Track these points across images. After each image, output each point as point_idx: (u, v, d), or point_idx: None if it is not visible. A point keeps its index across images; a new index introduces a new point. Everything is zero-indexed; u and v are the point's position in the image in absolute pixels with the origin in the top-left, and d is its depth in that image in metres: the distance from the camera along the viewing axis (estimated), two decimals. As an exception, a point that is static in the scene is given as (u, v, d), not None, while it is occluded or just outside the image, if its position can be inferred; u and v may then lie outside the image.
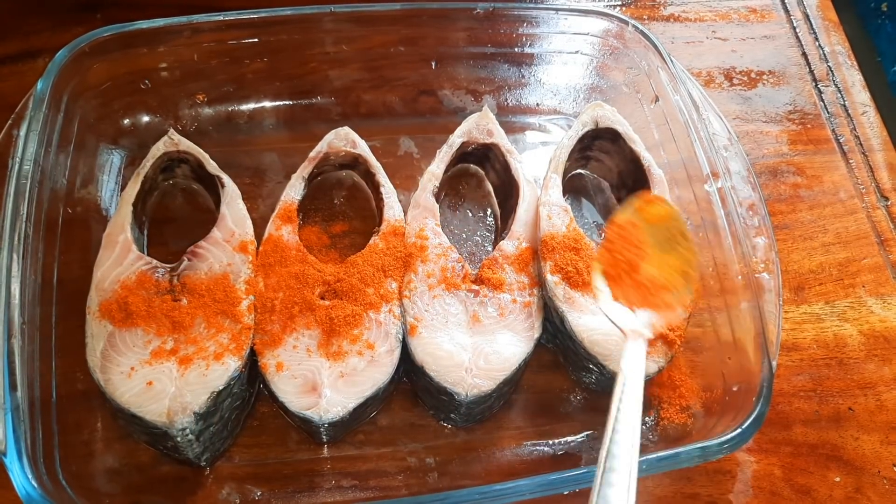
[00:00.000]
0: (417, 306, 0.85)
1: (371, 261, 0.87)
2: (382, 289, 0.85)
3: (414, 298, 0.85)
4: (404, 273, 0.88)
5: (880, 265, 1.03)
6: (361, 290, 0.84)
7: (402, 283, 0.87)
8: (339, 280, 0.85)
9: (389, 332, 0.83)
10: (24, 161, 0.81)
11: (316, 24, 1.00)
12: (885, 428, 0.91)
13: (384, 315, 0.84)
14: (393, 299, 0.85)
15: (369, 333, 0.83)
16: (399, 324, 0.84)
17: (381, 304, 0.84)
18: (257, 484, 0.81)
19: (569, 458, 0.86)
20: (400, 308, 0.85)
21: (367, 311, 0.84)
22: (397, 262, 0.88)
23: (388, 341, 0.83)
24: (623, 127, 0.98)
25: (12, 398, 0.70)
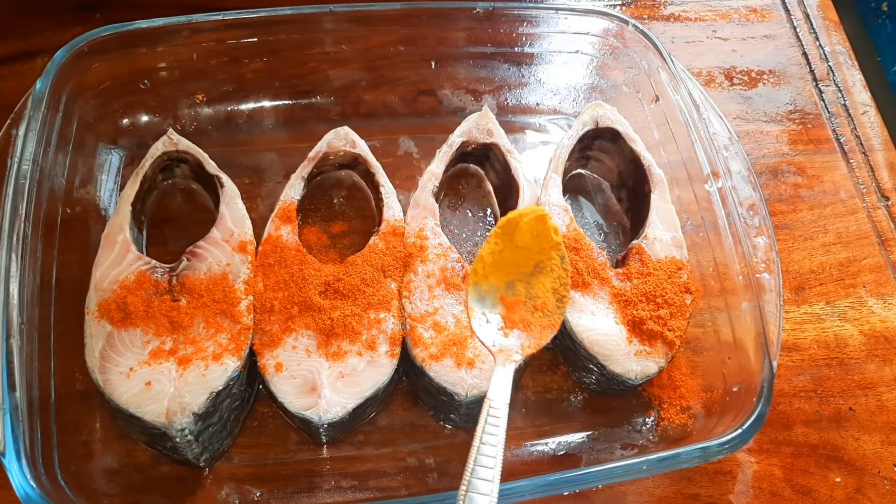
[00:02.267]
0: (417, 306, 0.85)
1: (371, 261, 0.87)
2: (382, 289, 0.85)
3: (414, 298, 0.85)
4: (404, 273, 0.87)
5: (881, 265, 1.03)
6: (361, 291, 0.84)
7: (402, 284, 0.87)
8: (338, 280, 0.85)
9: (389, 333, 0.83)
10: (22, 161, 0.81)
11: (315, 24, 1.00)
12: (885, 428, 0.91)
13: (384, 315, 0.84)
14: (393, 299, 0.85)
15: (369, 334, 0.82)
16: (399, 324, 0.84)
17: (380, 305, 0.84)
18: (256, 484, 0.81)
19: (569, 458, 0.86)
20: (400, 308, 0.85)
21: (367, 311, 0.83)
22: (397, 262, 0.88)
23: (388, 342, 0.82)
24: (623, 127, 0.98)
25: (11, 398, 0.70)
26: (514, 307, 0.79)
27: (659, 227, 0.92)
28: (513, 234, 0.79)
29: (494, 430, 0.68)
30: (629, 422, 0.88)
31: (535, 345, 0.78)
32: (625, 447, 0.87)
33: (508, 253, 0.79)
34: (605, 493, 0.84)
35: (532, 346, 0.78)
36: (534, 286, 0.79)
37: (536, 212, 0.79)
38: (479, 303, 0.79)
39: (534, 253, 0.80)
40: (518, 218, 0.79)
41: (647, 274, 0.87)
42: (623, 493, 0.85)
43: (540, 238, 0.79)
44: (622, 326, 0.85)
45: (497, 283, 0.79)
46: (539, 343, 0.78)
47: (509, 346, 0.77)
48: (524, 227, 0.79)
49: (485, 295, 0.79)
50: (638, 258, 0.89)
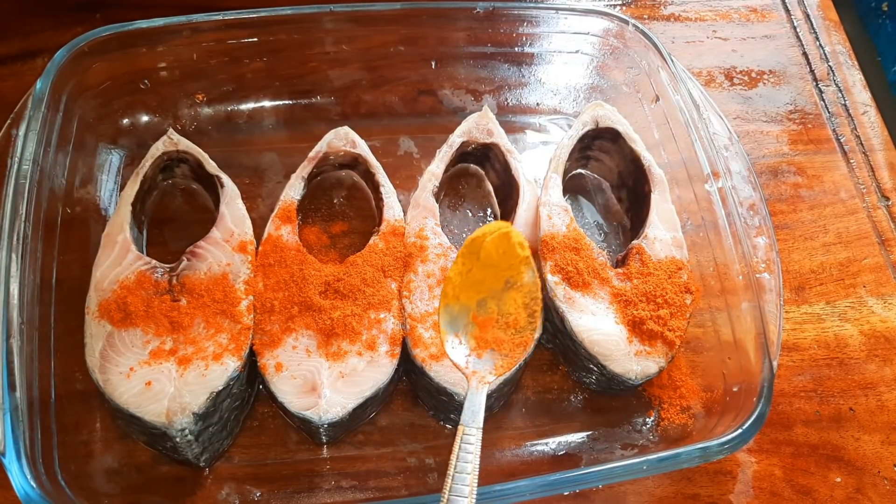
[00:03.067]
0: (417, 306, 0.85)
1: (371, 261, 0.87)
2: (382, 289, 0.85)
3: (414, 298, 0.85)
4: (404, 273, 0.87)
5: (881, 265, 1.03)
6: (361, 291, 0.84)
7: (402, 283, 0.87)
8: (338, 280, 0.85)
9: (389, 333, 0.83)
10: (23, 161, 0.81)
11: (316, 24, 1.00)
12: (885, 428, 0.91)
13: (384, 315, 0.84)
14: (393, 299, 0.85)
15: (369, 334, 0.82)
16: (399, 324, 0.84)
17: (380, 305, 0.84)
18: (256, 484, 0.81)
19: (569, 459, 0.86)
20: (400, 308, 0.85)
21: (367, 311, 0.83)
22: (397, 262, 0.88)
23: (388, 342, 0.82)
24: (623, 127, 0.98)
25: (11, 398, 0.70)
26: (486, 326, 0.79)
27: (659, 227, 0.92)
28: (479, 253, 0.79)
29: (468, 458, 0.68)
30: (629, 422, 0.88)
31: (507, 364, 0.77)
32: (625, 447, 0.87)
33: (477, 272, 0.79)
34: (605, 493, 0.84)
35: (505, 364, 0.77)
36: (505, 303, 0.79)
37: (501, 228, 0.79)
38: (451, 324, 0.78)
39: (502, 269, 0.79)
40: (482, 237, 0.79)
41: (648, 274, 0.87)
42: (623, 493, 0.85)
43: (507, 255, 0.79)
44: (622, 326, 0.85)
45: (468, 302, 0.79)
46: (512, 362, 0.78)
47: (483, 368, 0.76)
48: (489, 245, 0.79)
49: (456, 316, 0.78)
50: (638, 258, 0.89)
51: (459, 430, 0.70)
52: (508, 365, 0.77)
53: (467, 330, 0.78)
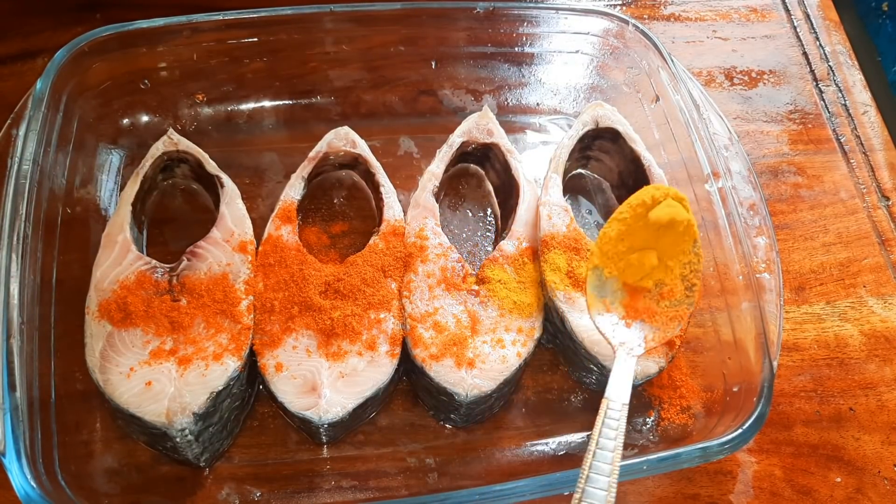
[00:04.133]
0: (417, 306, 0.85)
1: (371, 261, 0.87)
2: (382, 289, 0.85)
3: (414, 298, 0.85)
4: (404, 273, 0.87)
5: (881, 265, 1.03)
6: (361, 291, 0.84)
7: (402, 284, 0.87)
8: (338, 280, 0.85)
9: (389, 333, 0.83)
10: (23, 161, 0.81)
11: (316, 24, 1.00)
12: (886, 428, 0.91)
13: (384, 315, 0.84)
14: (393, 299, 0.85)
15: (369, 334, 0.82)
16: (399, 324, 0.84)
17: (380, 305, 0.84)
18: (257, 484, 0.81)
19: (569, 459, 0.86)
20: (400, 308, 0.85)
21: (367, 311, 0.83)
22: (397, 262, 0.88)
23: (388, 342, 0.82)
24: (623, 127, 0.98)
25: (11, 398, 0.70)
26: (637, 295, 0.73)
27: (659, 227, 0.91)
28: (644, 214, 0.73)
29: (611, 434, 0.63)
30: (629, 422, 0.87)
31: (659, 337, 0.72)
32: (625, 447, 0.86)
33: (637, 236, 0.73)
34: (605, 493, 0.84)
35: (656, 338, 0.72)
36: (664, 271, 0.73)
37: (671, 191, 0.73)
38: (599, 289, 0.72)
39: (665, 238, 0.73)
40: (650, 197, 0.73)
41: (648, 274, 0.87)
42: (623, 493, 0.85)
43: (673, 224, 0.73)
44: (622, 326, 0.85)
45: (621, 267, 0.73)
46: (665, 335, 0.72)
47: (631, 339, 0.71)
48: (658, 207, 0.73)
49: (606, 281, 0.72)
50: (638, 258, 0.89)
51: (603, 405, 0.66)
52: (660, 339, 0.72)
53: (616, 297, 0.73)
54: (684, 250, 0.74)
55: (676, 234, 0.74)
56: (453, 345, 0.82)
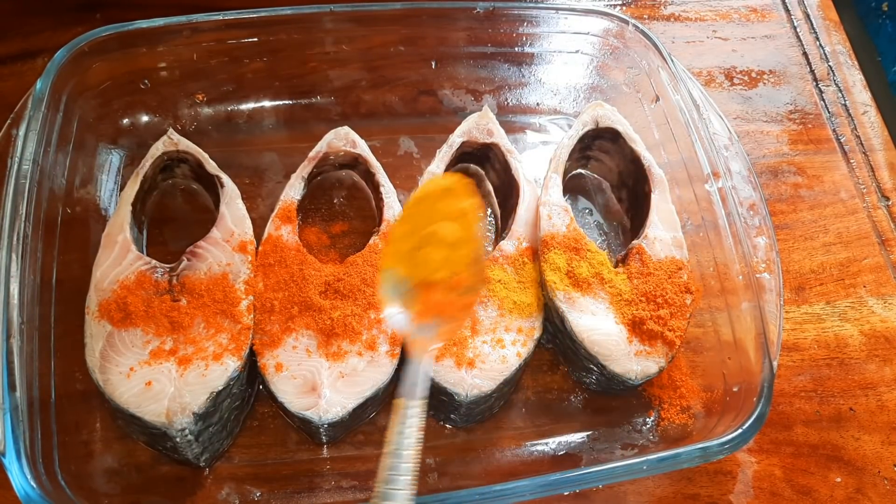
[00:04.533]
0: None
1: (371, 261, 0.87)
2: (382, 289, 0.85)
3: (414, 298, 0.85)
4: (404, 273, 0.87)
5: (881, 265, 1.03)
6: (361, 291, 0.84)
7: (402, 283, 0.87)
8: (338, 280, 0.85)
9: (389, 333, 0.83)
10: (23, 160, 0.81)
11: (316, 24, 1.00)
12: (886, 428, 0.91)
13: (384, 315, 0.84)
14: (393, 299, 0.85)
15: (369, 334, 0.82)
16: (399, 324, 0.84)
17: (381, 305, 0.84)
18: (257, 484, 0.81)
19: (569, 459, 0.86)
20: (400, 308, 0.85)
21: (367, 311, 0.83)
22: (397, 262, 0.88)
23: (388, 342, 0.82)
24: (623, 127, 0.98)
25: (11, 398, 0.70)
26: (431, 289, 0.72)
27: (659, 227, 0.91)
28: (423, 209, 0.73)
29: (410, 434, 0.64)
30: (629, 422, 0.88)
31: (452, 329, 0.72)
32: (625, 447, 0.87)
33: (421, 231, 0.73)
34: (605, 493, 0.84)
35: (449, 330, 0.72)
36: (453, 261, 0.73)
37: (445, 182, 0.74)
38: (394, 290, 0.72)
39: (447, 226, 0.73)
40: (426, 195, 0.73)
41: (648, 274, 0.88)
42: (623, 493, 0.85)
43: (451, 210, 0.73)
44: (622, 326, 0.85)
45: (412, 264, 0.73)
46: (457, 326, 0.72)
47: (425, 335, 0.70)
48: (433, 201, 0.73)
49: (399, 280, 0.72)
50: (638, 258, 0.89)
51: (398, 405, 0.66)
52: (452, 330, 0.72)
53: (411, 294, 0.72)
54: (469, 237, 0.73)
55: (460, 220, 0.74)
56: (453, 345, 0.82)
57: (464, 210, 0.73)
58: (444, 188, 0.74)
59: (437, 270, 0.72)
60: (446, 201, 0.74)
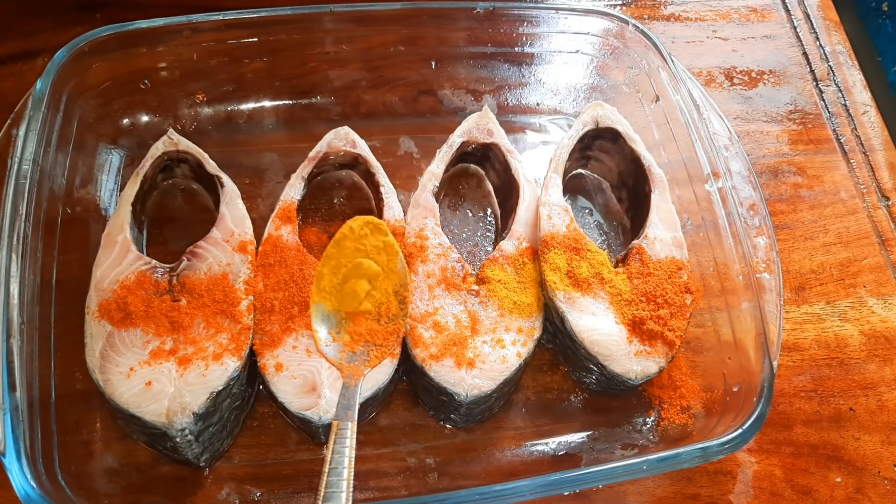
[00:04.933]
0: (417, 306, 0.85)
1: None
2: (382, 289, 0.85)
3: (414, 299, 0.85)
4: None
5: (881, 265, 1.03)
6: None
7: (402, 283, 0.87)
8: (338, 280, 0.85)
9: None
10: (23, 161, 0.81)
11: (316, 24, 1.00)
12: (885, 428, 0.91)
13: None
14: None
15: (369, 333, 0.82)
16: (399, 324, 0.84)
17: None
18: (257, 484, 0.81)
19: (569, 459, 0.86)
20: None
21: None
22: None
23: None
24: (623, 127, 0.98)
25: (11, 398, 0.70)
26: (359, 318, 0.79)
27: (659, 227, 0.92)
28: (345, 246, 0.81)
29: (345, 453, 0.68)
30: (629, 422, 0.88)
31: (381, 354, 0.78)
32: (625, 447, 0.87)
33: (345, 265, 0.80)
34: (605, 493, 0.84)
35: (379, 355, 0.78)
36: (378, 291, 0.80)
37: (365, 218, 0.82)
38: (324, 321, 0.79)
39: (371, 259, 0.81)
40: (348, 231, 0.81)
41: (648, 274, 0.87)
42: (623, 493, 0.85)
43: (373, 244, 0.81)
44: (622, 326, 0.85)
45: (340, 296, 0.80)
46: (385, 351, 0.79)
47: (357, 361, 0.77)
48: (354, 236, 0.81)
49: (328, 312, 0.79)
50: (638, 258, 0.89)
51: (333, 426, 0.71)
52: (382, 355, 0.78)
53: (341, 325, 0.79)
54: (392, 269, 0.81)
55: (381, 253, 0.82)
56: (453, 345, 0.82)
57: (385, 244, 0.81)
58: (364, 226, 0.81)
59: (363, 302, 0.80)
60: (367, 238, 0.81)
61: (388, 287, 0.81)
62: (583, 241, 0.89)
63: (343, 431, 0.70)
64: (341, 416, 0.72)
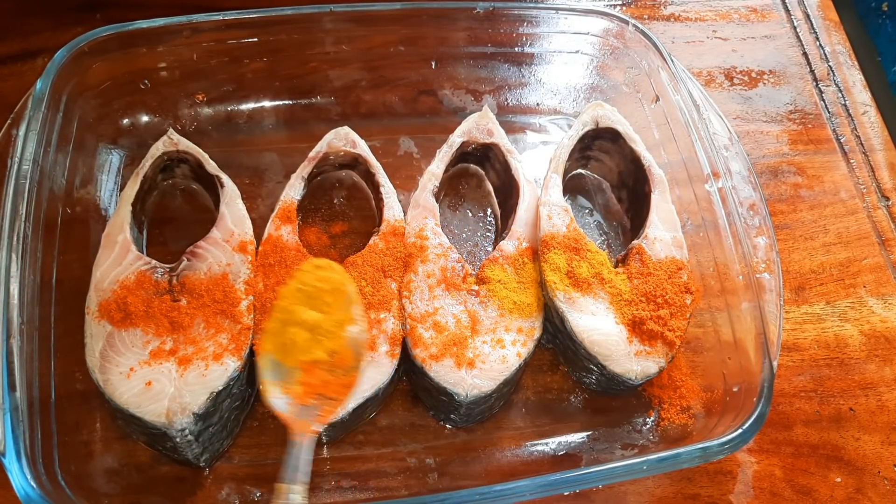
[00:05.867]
0: (417, 306, 0.85)
1: (371, 261, 0.87)
2: (382, 289, 0.85)
3: (414, 299, 0.85)
4: (404, 273, 0.87)
5: (881, 265, 1.03)
6: (361, 291, 0.84)
7: (402, 284, 0.87)
8: (338, 280, 0.85)
9: (389, 333, 0.83)
10: (23, 161, 0.81)
11: (316, 24, 1.00)
12: (885, 428, 0.91)
13: (384, 315, 0.84)
14: (393, 299, 0.85)
15: (369, 334, 0.82)
16: (399, 324, 0.84)
17: (380, 305, 0.84)
18: (256, 484, 0.81)
19: (569, 459, 0.86)
20: (400, 308, 0.85)
21: (367, 311, 0.83)
22: (397, 262, 0.88)
23: (388, 342, 0.82)
24: (623, 127, 0.98)
25: (11, 398, 0.70)
26: (312, 369, 0.73)
27: (659, 227, 0.92)
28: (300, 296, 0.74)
29: None
30: (629, 422, 0.88)
31: (332, 406, 0.73)
32: (625, 447, 0.87)
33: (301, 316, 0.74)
34: (605, 493, 0.84)
35: (330, 408, 0.73)
36: (328, 339, 0.74)
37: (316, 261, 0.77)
38: (275, 374, 0.73)
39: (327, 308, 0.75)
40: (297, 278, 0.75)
41: (648, 274, 0.87)
42: (623, 493, 0.85)
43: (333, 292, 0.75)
44: (622, 326, 0.85)
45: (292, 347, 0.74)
46: (336, 405, 0.73)
47: (308, 416, 0.71)
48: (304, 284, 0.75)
49: (279, 365, 0.73)
50: (638, 258, 0.89)
51: (280, 489, 0.65)
52: (333, 409, 0.73)
53: (293, 377, 0.72)
54: (347, 316, 0.75)
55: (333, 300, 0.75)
56: (453, 345, 0.82)
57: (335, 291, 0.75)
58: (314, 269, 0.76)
59: (306, 351, 0.73)
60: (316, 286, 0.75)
61: (346, 340, 0.74)
62: (583, 241, 0.89)
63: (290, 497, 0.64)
64: (290, 479, 0.65)
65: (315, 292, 0.75)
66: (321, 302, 0.75)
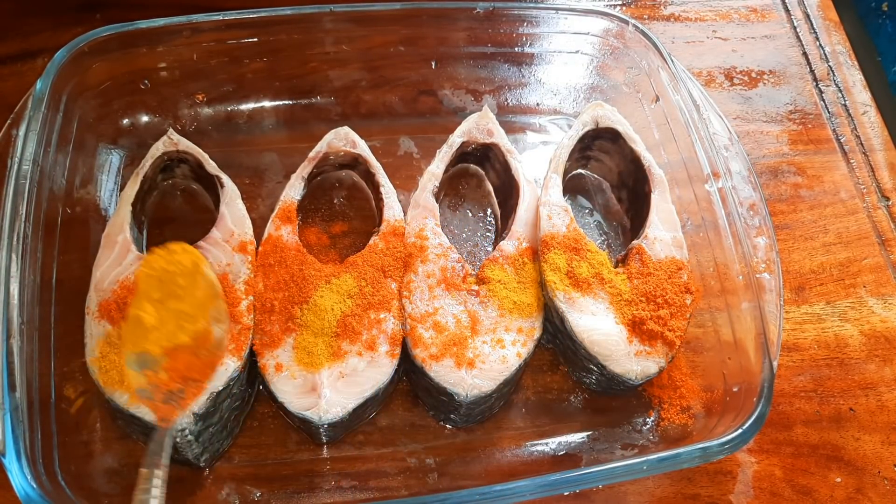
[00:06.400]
0: (417, 306, 0.85)
1: (371, 261, 0.87)
2: (382, 289, 0.85)
3: (414, 299, 0.85)
4: (404, 273, 0.87)
5: (881, 265, 1.03)
6: (361, 291, 0.84)
7: (402, 284, 0.87)
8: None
9: (389, 333, 0.83)
10: (23, 161, 0.81)
11: (316, 24, 1.00)
12: (886, 428, 0.91)
13: (384, 315, 0.84)
14: (393, 299, 0.85)
15: (369, 334, 0.82)
16: (399, 324, 0.84)
17: (380, 305, 0.84)
18: (257, 484, 0.81)
19: (569, 459, 0.86)
20: (400, 308, 0.85)
21: (367, 311, 0.83)
22: (397, 262, 0.88)
23: (388, 342, 0.82)
24: (623, 127, 0.98)
25: (11, 398, 0.70)
26: (177, 354, 0.72)
27: (659, 227, 0.92)
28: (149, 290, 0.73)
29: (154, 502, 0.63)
30: (629, 422, 0.88)
31: (198, 389, 0.73)
32: (625, 447, 0.87)
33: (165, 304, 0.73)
34: (605, 493, 0.84)
35: (196, 390, 0.72)
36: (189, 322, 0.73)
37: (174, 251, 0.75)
38: (139, 365, 0.71)
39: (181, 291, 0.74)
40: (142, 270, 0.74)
41: (648, 274, 0.87)
42: (623, 493, 0.85)
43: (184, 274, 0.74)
44: (622, 326, 0.85)
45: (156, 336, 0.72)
46: (202, 386, 0.73)
47: (173, 402, 0.71)
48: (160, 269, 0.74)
49: (141, 356, 0.72)
50: (638, 258, 0.89)
51: (140, 476, 0.65)
52: (198, 390, 0.72)
53: (157, 365, 0.71)
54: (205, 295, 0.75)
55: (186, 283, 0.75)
56: (453, 345, 0.82)
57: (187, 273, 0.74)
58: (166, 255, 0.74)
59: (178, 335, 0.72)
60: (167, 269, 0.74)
61: (201, 315, 0.73)
62: (583, 241, 0.89)
63: (152, 481, 0.63)
64: (151, 464, 0.64)
65: (166, 276, 0.74)
66: (174, 286, 0.74)
